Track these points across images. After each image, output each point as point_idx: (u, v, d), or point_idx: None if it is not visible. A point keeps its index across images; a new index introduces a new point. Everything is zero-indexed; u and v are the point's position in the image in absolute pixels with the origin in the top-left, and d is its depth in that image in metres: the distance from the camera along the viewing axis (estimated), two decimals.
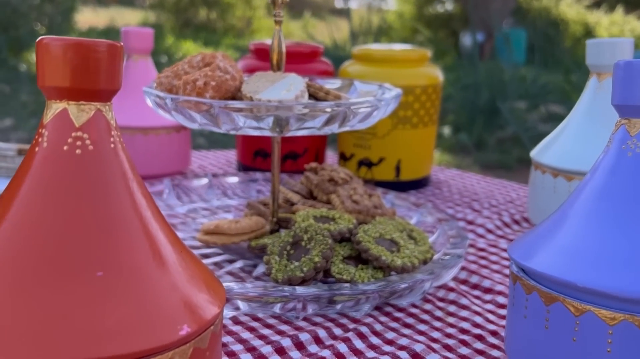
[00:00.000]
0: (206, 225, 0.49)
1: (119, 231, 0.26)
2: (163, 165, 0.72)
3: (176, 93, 0.47)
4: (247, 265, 0.51)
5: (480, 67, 2.78)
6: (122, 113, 0.70)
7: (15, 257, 0.25)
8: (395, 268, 0.45)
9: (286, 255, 0.46)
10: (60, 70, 0.26)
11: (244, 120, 0.45)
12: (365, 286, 0.43)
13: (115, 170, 0.27)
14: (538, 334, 0.32)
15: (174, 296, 0.26)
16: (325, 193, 0.56)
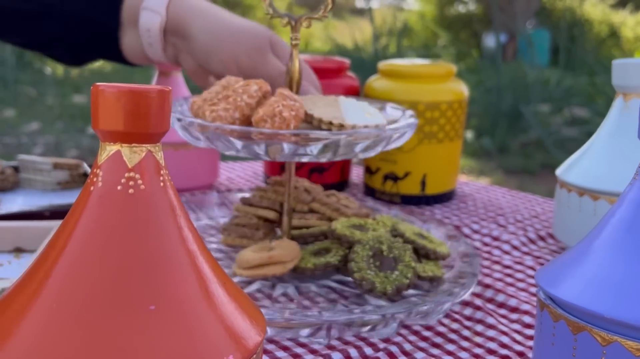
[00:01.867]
0: (246, 257, 0.49)
1: (169, 266, 0.28)
2: (193, 179, 0.74)
3: (257, 126, 0.47)
4: (265, 286, 0.52)
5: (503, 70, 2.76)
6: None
7: (76, 291, 0.26)
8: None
9: (375, 268, 0.48)
10: (114, 115, 0.28)
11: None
12: (384, 310, 0.44)
13: (164, 208, 0.29)
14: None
15: (220, 327, 0.28)
16: (306, 204, 0.57)
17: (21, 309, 0.27)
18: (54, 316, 0.26)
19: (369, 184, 0.79)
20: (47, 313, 0.26)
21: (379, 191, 0.77)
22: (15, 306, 0.27)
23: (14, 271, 0.50)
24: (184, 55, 0.64)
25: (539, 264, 0.60)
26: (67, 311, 0.26)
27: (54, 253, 0.28)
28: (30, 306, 0.27)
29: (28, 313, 0.27)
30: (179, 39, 0.63)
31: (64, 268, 0.27)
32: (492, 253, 0.62)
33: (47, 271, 0.28)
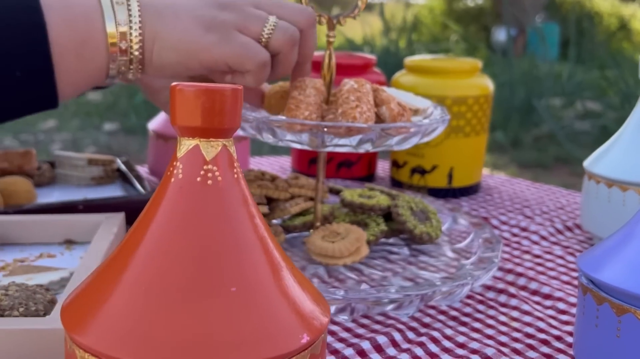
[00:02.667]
0: (318, 244, 0.52)
1: (245, 252, 0.30)
2: None
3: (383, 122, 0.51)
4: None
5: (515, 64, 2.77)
6: None
7: (161, 274, 0.29)
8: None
9: (419, 221, 0.57)
10: (192, 112, 0.30)
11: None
12: (408, 291, 0.46)
13: (238, 198, 0.31)
14: (610, 342, 0.35)
15: (293, 308, 0.30)
16: (285, 190, 0.59)
17: (107, 294, 0.29)
18: (142, 299, 0.28)
19: (395, 178, 0.80)
20: (136, 296, 0.28)
21: (406, 185, 0.79)
22: (100, 291, 0.30)
23: (66, 262, 0.52)
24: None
25: (568, 253, 0.61)
26: (155, 294, 0.28)
27: (137, 240, 0.30)
28: (117, 290, 0.29)
29: (115, 297, 0.29)
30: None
31: (148, 254, 0.29)
32: (521, 243, 0.64)
33: (131, 257, 0.30)
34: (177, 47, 0.49)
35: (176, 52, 0.49)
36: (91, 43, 0.48)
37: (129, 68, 0.50)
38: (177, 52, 0.49)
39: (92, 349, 0.28)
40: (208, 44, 0.49)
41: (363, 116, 0.47)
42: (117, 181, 0.75)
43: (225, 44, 0.49)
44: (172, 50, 0.49)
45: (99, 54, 0.49)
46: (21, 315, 0.40)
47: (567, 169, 2.23)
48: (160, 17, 0.49)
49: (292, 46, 0.51)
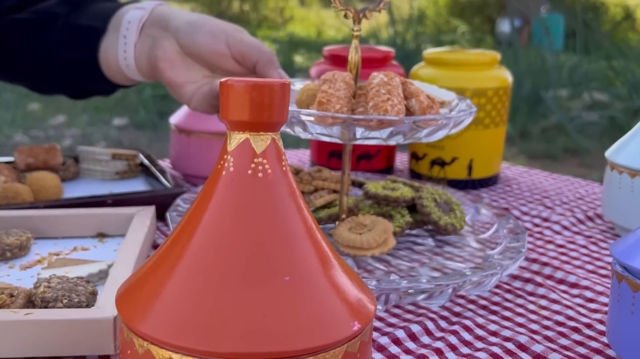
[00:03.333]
0: (345, 236, 0.53)
1: (295, 242, 0.31)
2: None
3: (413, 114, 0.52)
4: None
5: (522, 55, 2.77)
6: (211, 120, 0.75)
7: (217, 263, 0.29)
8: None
9: (443, 212, 0.58)
10: (243, 107, 0.31)
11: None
12: (440, 281, 0.47)
13: (287, 190, 0.32)
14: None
15: (343, 297, 0.31)
16: (309, 183, 0.60)
17: (163, 284, 0.30)
18: (199, 288, 0.29)
19: (414, 170, 0.81)
20: (193, 285, 0.29)
21: (425, 177, 0.80)
22: (155, 281, 0.30)
23: (101, 254, 0.53)
24: (162, 43, 0.62)
25: (591, 243, 0.62)
26: (211, 283, 0.29)
27: (190, 231, 0.31)
28: (173, 280, 0.30)
29: (172, 286, 0.30)
30: (159, 29, 0.63)
31: (203, 244, 0.30)
32: (543, 233, 0.65)
33: (185, 247, 0.31)
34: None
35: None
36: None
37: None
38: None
39: (151, 338, 0.29)
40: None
41: (394, 109, 0.48)
42: (140, 176, 0.76)
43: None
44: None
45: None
46: (65, 307, 0.41)
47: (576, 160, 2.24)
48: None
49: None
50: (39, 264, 0.51)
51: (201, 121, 0.75)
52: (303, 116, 0.49)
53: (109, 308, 0.40)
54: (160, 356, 0.29)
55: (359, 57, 0.54)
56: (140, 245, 0.49)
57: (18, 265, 0.50)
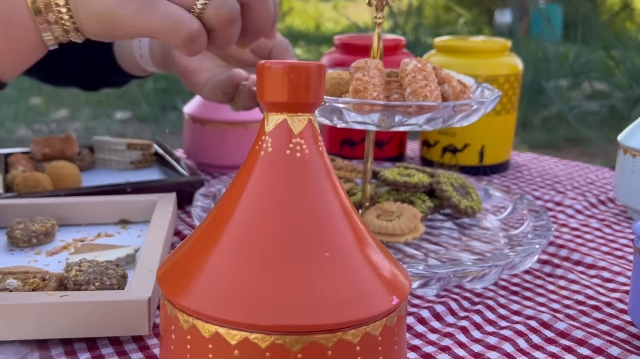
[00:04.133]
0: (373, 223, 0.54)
1: (334, 220, 0.31)
2: None
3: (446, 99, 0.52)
4: None
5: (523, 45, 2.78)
6: (224, 109, 0.76)
7: (260, 241, 0.30)
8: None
9: (461, 196, 0.60)
10: (280, 89, 0.31)
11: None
12: (483, 263, 0.48)
13: (323, 169, 0.32)
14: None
15: (380, 272, 0.31)
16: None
17: (205, 261, 0.31)
18: (243, 264, 0.30)
19: (426, 157, 0.82)
20: (236, 261, 0.30)
21: (437, 164, 0.80)
22: (198, 259, 0.31)
23: (125, 240, 0.54)
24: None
25: (605, 226, 0.63)
26: (255, 259, 0.30)
27: (229, 210, 0.32)
28: (215, 257, 0.31)
29: (214, 263, 0.30)
30: None
31: (244, 222, 0.31)
32: (557, 216, 0.66)
33: (226, 225, 0.31)
34: (99, 18, 0.45)
35: (100, 23, 0.46)
36: (16, 20, 0.46)
37: (67, 36, 0.47)
38: (100, 23, 0.45)
39: (197, 313, 0.29)
40: (126, 15, 0.44)
41: (433, 94, 0.49)
42: (154, 165, 0.77)
43: (146, 15, 0.44)
44: (96, 21, 0.45)
45: (27, 29, 0.46)
46: (97, 289, 0.42)
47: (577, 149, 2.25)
48: None
49: (230, 22, 0.46)
50: (65, 250, 0.51)
51: (215, 110, 0.76)
52: (340, 104, 0.49)
53: (142, 290, 0.41)
54: (205, 330, 0.29)
55: (382, 44, 0.55)
56: (166, 230, 0.50)
57: (44, 251, 0.51)
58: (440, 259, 0.54)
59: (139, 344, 0.40)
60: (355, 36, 0.83)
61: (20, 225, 0.52)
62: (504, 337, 0.42)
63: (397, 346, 0.32)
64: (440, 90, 0.50)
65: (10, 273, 0.44)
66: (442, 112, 0.50)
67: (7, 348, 0.39)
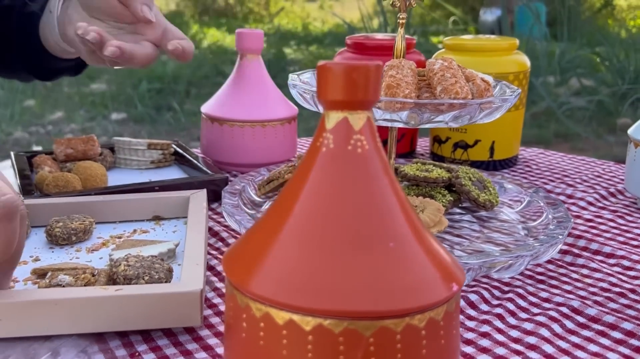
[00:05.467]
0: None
1: (394, 212, 0.33)
2: (278, 153, 0.79)
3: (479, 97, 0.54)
4: None
5: None
6: (243, 109, 0.77)
7: (327, 231, 0.32)
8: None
9: (480, 190, 0.61)
10: (341, 88, 0.33)
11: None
12: (512, 254, 0.50)
13: (382, 164, 0.34)
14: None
15: (439, 261, 0.33)
16: None
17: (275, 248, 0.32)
18: (314, 253, 0.31)
19: (437, 153, 0.84)
20: (306, 250, 0.31)
21: (448, 159, 0.82)
22: (267, 246, 0.33)
23: (160, 235, 0.55)
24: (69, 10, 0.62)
25: (618, 217, 0.66)
26: (323, 248, 0.31)
27: (291, 203, 0.33)
28: (283, 247, 0.32)
29: (282, 252, 0.32)
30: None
31: (309, 213, 0.32)
32: (570, 209, 0.68)
33: (292, 217, 0.33)
34: None
35: None
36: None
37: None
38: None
39: (271, 301, 0.31)
40: None
41: (463, 90, 0.50)
42: (173, 164, 0.78)
43: None
44: None
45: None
46: (147, 283, 0.43)
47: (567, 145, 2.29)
48: None
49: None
50: (104, 246, 0.53)
51: (233, 110, 0.77)
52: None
53: (193, 282, 0.42)
54: (280, 317, 0.31)
55: (404, 44, 0.57)
56: (204, 224, 0.51)
57: (84, 248, 0.52)
58: (465, 251, 0.56)
59: (192, 336, 0.42)
60: (366, 36, 0.85)
61: (59, 223, 0.53)
62: (539, 323, 0.44)
63: (454, 331, 0.34)
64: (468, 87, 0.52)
65: (60, 270, 0.45)
66: (469, 110, 0.52)
67: (67, 341, 0.41)
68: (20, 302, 0.40)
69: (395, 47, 0.58)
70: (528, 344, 0.42)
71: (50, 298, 0.40)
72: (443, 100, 0.51)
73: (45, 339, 0.41)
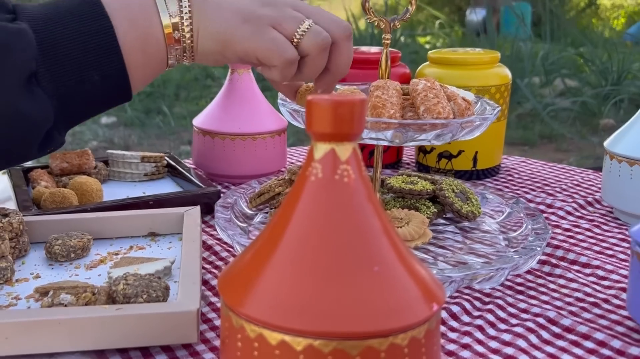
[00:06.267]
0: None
1: (379, 237, 0.36)
2: (269, 164, 0.82)
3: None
4: None
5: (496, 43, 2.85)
6: (234, 122, 0.79)
7: (316, 256, 0.34)
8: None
9: (462, 201, 0.64)
10: (329, 121, 0.35)
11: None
12: (492, 266, 0.52)
13: (366, 191, 0.36)
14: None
15: (421, 283, 0.36)
16: None
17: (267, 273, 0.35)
18: (304, 276, 0.34)
19: (422, 162, 0.87)
20: (296, 275, 0.34)
21: (433, 169, 0.85)
22: (259, 271, 0.35)
23: (156, 252, 0.57)
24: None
25: (594, 226, 0.68)
26: (314, 272, 0.34)
27: (282, 229, 0.36)
28: (277, 269, 0.34)
29: (276, 274, 0.34)
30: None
31: (299, 240, 0.35)
32: (549, 218, 0.71)
33: (283, 243, 0.35)
34: (217, 37, 0.53)
35: (216, 42, 0.53)
36: (152, 38, 0.52)
37: (182, 56, 0.54)
38: (216, 42, 0.53)
39: (264, 322, 0.33)
40: (242, 36, 0.53)
41: (445, 110, 0.53)
42: (166, 176, 0.80)
43: (258, 38, 0.53)
44: (212, 40, 0.53)
45: (159, 46, 0.52)
46: (145, 301, 0.46)
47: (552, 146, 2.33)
48: (205, 8, 0.53)
49: (321, 50, 0.54)
50: (102, 263, 0.55)
51: (224, 123, 0.79)
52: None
53: (190, 302, 0.44)
54: (273, 338, 0.33)
55: (389, 65, 0.59)
56: (198, 242, 0.54)
57: (83, 264, 0.54)
58: (448, 262, 0.59)
59: (189, 351, 0.44)
60: (354, 49, 0.87)
61: (58, 241, 0.55)
62: (517, 334, 0.47)
63: (435, 347, 0.36)
64: (450, 107, 0.55)
65: (61, 288, 0.47)
66: (450, 129, 0.54)
67: (69, 358, 0.43)
68: (26, 321, 0.42)
69: (381, 68, 0.60)
70: (506, 355, 0.44)
71: (54, 318, 0.42)
72: (426, 120, 0.54)
73: (49, 357, 0.43)
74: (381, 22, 0.59)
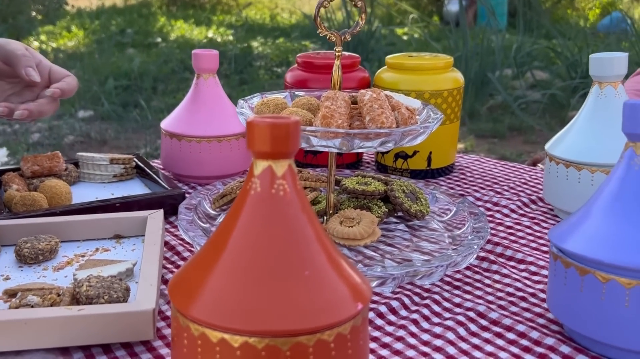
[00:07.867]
0: (334, 228, 0.63)
1: (311, 244, 0.40)
2: (234, 165, 0.86)
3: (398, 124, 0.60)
4: None
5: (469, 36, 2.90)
6: (199, 125, 0.83)
7: (255, 262, 0.38)
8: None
9: (411, 201, 0.68)
10: (266, 141, 0.40)
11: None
12: (431, 264, 0.57)
13: (300, 204, 0.41)
14: (575, 296, 0.47)
15: (349, 284, 0.40)
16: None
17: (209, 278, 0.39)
18: (241, 280, 0.38)
19: (381, 162, 0.91)
20: (235, 278, 0.38)
21: (390, 168, 0.90)
22: (203, 276, 0.39)
23: (121, 254, 0.61)
24: None
25: (534, 224, 0.73)
26: (250, 277, 0.38)
27: (226, 238, 0.40)
28: (218, 274, 0.39)
29: (217, 279, 0.38)
30: None
31: (240, 247, 0.39)
32: (494, 216, 0.76)
33: (225, 250, 0.39)
34: None
35: None
36: None
37: None
38: None
39: (206, 322, 0.37)
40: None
41: (389, 120, 0.57)
42: (135, 177, 0.84)
43: None
44: None
45: None
46: (106, 302, 0.50)
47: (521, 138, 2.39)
48: None
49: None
50: (69, 265, 0.58)
51: (191, 127, 0.83)
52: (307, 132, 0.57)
53: (147, 302, 0.48)
54: (214, 336, 0.38)
55: (341, 75, 0.64)
56: (159, 245, 0.58)
57: (50, 266, 0.58)
58: (394, 259, 0.63)
59: (146, 347, 0.48)
60: (315, 55, 0.91)
61: (27, 244, 0.58)
62: (447, 327, 0.52)
63: (362, 341, 0.41)
64: (393, 116, 0.59)
65: (29, 290, 0.51)
66: (393, 137, 0.59)
67: (35, 355, 0.47)
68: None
69: (333, 79, 0.64)
70: (435, 346, 0.49)
71: (21, 318, 0.46)
72: (370, 130, 0.58)
73: (17, 355, 0.47)
74: (332, 35, 0.63)
